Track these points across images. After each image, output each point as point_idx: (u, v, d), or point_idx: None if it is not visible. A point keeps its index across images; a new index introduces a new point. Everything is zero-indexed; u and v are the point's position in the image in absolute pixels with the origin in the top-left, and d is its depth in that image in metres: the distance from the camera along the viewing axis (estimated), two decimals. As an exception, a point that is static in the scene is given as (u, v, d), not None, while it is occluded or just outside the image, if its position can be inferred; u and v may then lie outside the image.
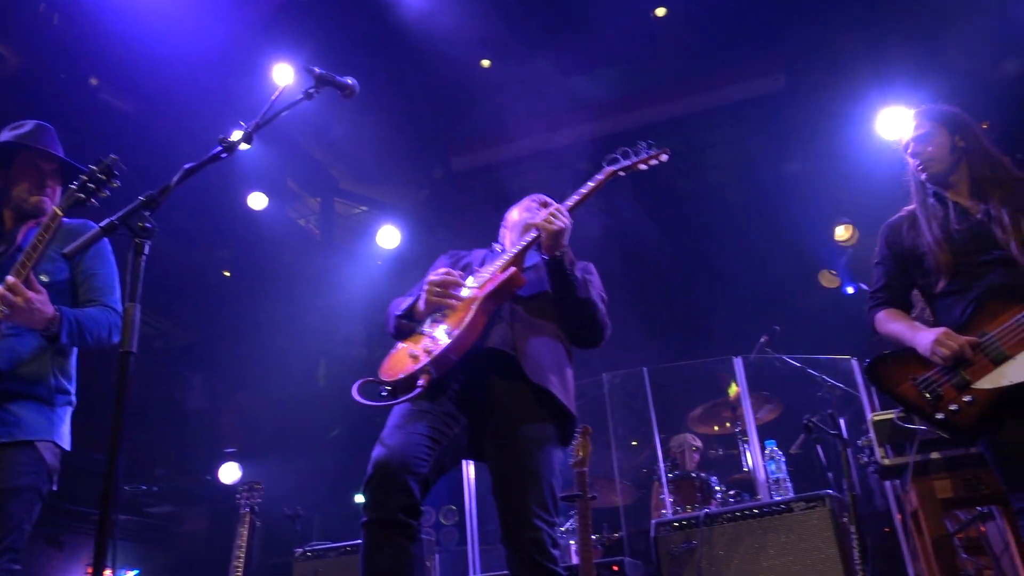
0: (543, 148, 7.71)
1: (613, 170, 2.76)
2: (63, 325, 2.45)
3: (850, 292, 7.24)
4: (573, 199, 2.69)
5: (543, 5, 6.79)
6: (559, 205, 2.60)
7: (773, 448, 4.65)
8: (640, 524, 5.72)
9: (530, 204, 2.98)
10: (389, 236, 8.22)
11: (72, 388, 2.66)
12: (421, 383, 2.28)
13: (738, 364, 5.56)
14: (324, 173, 8.66)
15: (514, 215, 3.00)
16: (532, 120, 7.29)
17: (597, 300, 2.66)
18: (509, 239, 2.92)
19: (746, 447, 5.65)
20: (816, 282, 7.50)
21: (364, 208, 9.27)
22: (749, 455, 5.58)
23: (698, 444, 6.08)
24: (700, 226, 8.50)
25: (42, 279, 2.51)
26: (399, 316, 2.63)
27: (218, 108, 6.45)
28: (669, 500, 5.10)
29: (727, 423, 6.06)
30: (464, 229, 7.90)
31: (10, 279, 2.33)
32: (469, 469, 5.86)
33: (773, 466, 4.58)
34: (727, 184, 8.93)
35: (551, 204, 2.78)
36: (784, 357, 5.57)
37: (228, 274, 9.08)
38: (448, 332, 2.39)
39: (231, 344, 8.60)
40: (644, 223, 8.20)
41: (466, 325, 2.37)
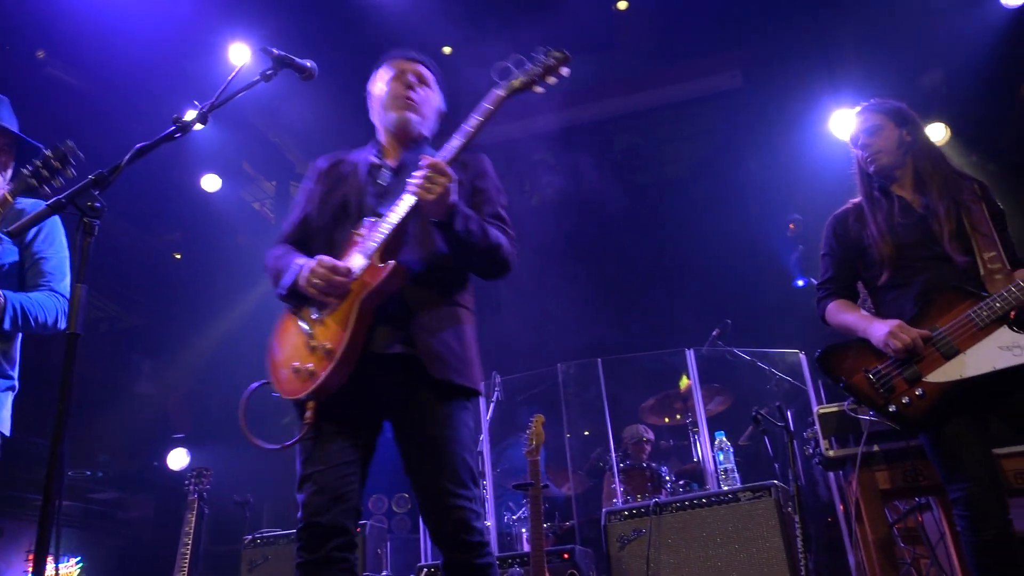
0: (499, 139, 7.68)
1: (503, 96, 2.31)
2: (6, 311, 2.38)
3: (800, 285, 7.37)
4: (454, 146, 2.23)
5: (504, -7, 6.74)
6: (435, 160, 2.11)
7: (722, 439, 4.74)
8: (592, 513, 5.79)
9: (391, 80, 2.47)
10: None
11: (14, 372, 2.57)
12: (308, 417, 2.11)
13: (690, 356, 5.65)
14: (280, 156, 8.51)
15: (377, 88, 2.54)
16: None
17: (497, 238, 2.27)
18: (380, 133, 2.52)
19: (696, 438, 5.75)
20: (770, 276, 7.60)
21: (320, 192, 9.12)
22: (699, 446, 5.68)
23: (650, 436, 6.18)
24: (658, 220, 8.58)
25: (-13, 261, 2.43)
26: (283, 296, 2.29)
27: (172, 86, 6.29)
28: (620, 489, 5.17)
29: (678, 415, 6.17)
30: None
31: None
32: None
33: (722, 456, 4.66)
34: (685, 178, 9.03)
35: (416, 100, 2.44)
36: (735, 350, 5.67)
37: (179, 256, 8.91)
38: (328, 353, 2.10)
39: (181, 328, 8.44)
40: (603, 216, 8.25)
41: (347, 345, 2.07)
